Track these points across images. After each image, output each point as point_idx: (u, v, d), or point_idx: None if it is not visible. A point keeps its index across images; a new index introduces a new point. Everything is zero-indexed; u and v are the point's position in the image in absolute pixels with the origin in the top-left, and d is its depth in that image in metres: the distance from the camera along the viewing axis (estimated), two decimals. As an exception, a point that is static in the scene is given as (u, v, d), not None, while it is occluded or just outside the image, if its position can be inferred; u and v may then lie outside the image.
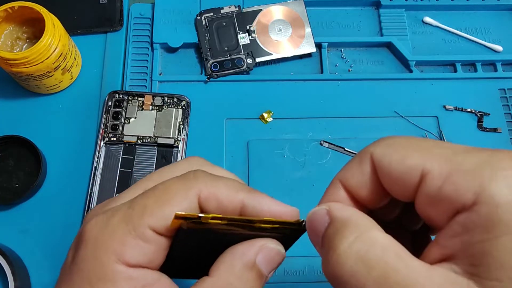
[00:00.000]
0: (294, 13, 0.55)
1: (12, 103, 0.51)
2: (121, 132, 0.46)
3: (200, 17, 0.54)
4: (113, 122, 0.46)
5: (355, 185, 0.23)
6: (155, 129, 0.47)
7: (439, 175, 0.19)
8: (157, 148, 0.47)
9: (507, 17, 0.58)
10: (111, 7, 0.55)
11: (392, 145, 0.21)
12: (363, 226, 0.20)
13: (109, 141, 0.45)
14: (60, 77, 0.49)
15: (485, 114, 0.52)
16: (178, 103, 0.47)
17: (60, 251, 0.45)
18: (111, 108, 0.46)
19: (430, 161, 0.19)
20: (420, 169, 0.20)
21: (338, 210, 0.21)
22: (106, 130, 0.46)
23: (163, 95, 0.47)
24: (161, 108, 0.47)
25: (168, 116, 0.47)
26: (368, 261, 0.18)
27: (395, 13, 0.57)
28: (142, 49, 0.54)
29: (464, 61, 0.55)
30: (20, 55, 0.44)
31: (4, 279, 0.41)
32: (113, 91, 0.47)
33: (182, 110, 0.47)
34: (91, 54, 0.53)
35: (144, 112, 0.47)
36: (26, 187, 0.46)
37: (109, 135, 0.45)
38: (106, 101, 0.47)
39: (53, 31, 0.45)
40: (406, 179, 0.20)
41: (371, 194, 0.22)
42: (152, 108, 0.47)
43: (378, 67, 0.55)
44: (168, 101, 0.47)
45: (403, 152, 0.21)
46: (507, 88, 0.54)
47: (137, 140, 0.46)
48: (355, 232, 0.19)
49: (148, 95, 0.47)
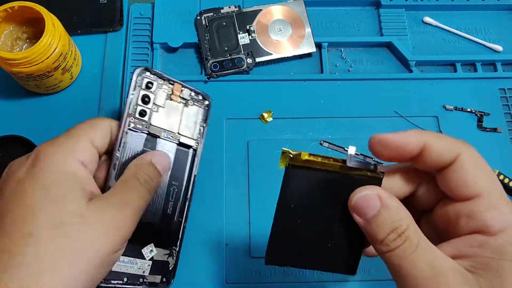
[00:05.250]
0: (294, 13, 0.55)
1: (12, 103, 0.51)
2: (149, 120, 0.39)
3: (200, 17, 0.54)
4: (142, 107, 0.38)
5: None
6: (180, 125, 0.41)
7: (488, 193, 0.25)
8: (177, 147, 0.42)
9: (507, 17, 0.58)
10: (111, 7, 0.55)
11: None
12: (409, 217, 0.25)
13: (134, 127, 0.38)
14: (60, 77, 0.49)
15: (485, 114, 0.52)
16: (202, 102, 0.42)
17: (60, 251, 0.45)
18: (141, 87, 0.38)
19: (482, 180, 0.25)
20: None
21: (389, 199, 0.25)
22: (134, 113, 0.38)
23: (191, 88, 0.41)
24: (187, 103, 0.41)
25: (192, 114, 0.42)
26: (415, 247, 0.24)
27: (395, 13, 0.57)
28: (142, 49, 0.54)
29: (464, 61, 0.55)
30: (20, 55, 0.44)
31: (4, 279, 0.41)
32: (145, 68, 0.38)
33: (204, 111, 0.43)
34: (91, 54, 0.53)
35: (172, 103, 0.40)
36: (26, 187, 0.46)
37: (135, 121, 0.38)
38: (135, 77, 0.38)
39: (53, 31, 0.45)
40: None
41: None
42: (180, 101, 0.41)
43: (378, 67, 0.55)
44: (194, 97, 0.42)
45: None
46: (507, 88, 0.54)
47: (161, 134, 0.40)
48: (405, 223, 0.25)
49: (178, 84, 0.40)
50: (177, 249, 0.41)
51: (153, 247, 0.39)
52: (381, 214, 0.25)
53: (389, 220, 0.25)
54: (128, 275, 0.37)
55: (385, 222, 0.25)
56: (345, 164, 0.27)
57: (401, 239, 0.24)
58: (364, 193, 0.26)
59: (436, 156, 0.25)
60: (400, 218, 0.25)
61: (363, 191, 0.26)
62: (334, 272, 0.29)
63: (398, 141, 0.26)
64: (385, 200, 0.25)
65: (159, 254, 0.40)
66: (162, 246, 0.40)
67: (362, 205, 0.26)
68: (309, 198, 0.27)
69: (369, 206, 0.26)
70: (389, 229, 0.25)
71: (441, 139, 0.26)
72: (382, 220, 0.25)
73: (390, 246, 0.25)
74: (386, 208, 0.25)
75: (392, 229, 0.25)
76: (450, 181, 0.26)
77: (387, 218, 0.25)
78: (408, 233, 0.24)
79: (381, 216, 0.25)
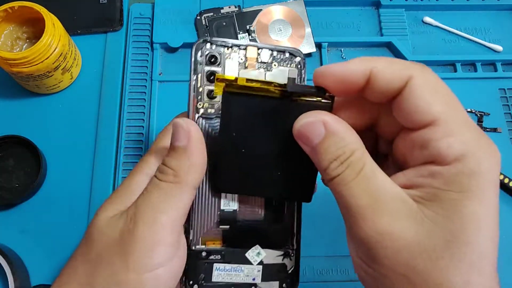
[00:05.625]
0: (294, 13, 0.55)
1: (12, 103, 0.51)
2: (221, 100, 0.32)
3: (200, 17, 0.54)
4: (210, 87, 0.31)
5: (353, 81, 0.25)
6: None
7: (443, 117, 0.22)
8: None
9: (507, 17, 0.58)
10: (111, 7, 0.55)
11: None
12: (355, 143, 0.24)
13: (205, 113, 0.31)
14: (60, 77, 0.49)
15: (485, 114, 0.52)
16: (290, 60, 0.33)
17: (60, 251, 0.45)
18: (203, 65, 0.31)
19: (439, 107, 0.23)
20: None
21: (334, 125, 0.24)
22: (200, 98, 0.31)
23: (272, 47, 0.33)
24: (269, 66, 0.32)
25: (280, 78, 0.32)
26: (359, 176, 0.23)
27: (395, 13, 0.57)
28: (142, 49, 0.54)
29: (464, 61, 0.55)
30: (20, 55, 0.44)
31: (4, 279, 0.41)
32: (203, 40, 0.31)
33: (297, 69, 0.33)
34: (91, 54, 0.53)
35: (248, 72, 0.32)
36: (26, 187, 0.46)
37: (204, 105, 0.31)
38: (194, 55, 0.31)
39: (53, 31, 0.45)
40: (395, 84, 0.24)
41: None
42: (259, 66, 0.32)
43: (378, 67, 0.55)
44: (278, 57, 0.32)
45: None
46: (507, 88, 0.54)
47: None
48: (350, 150, 0.23)
49: (252, 47, 0.32)
50: (294, 248, 0.32)
51: (260, 249, 0.32)
52: (326, 141, 0.24)
53: (334, 147, 0.23)
54: (235, 285, 0.31)
55: (329, 149, 0.23)
56: (286, 89, 0.25)
57: (343, 167, 0.23)
58: (306, 120, 0.24)
59: (385, 83, 0.23)
60: (345, 145, 0.23)
61: (306, 117, 0.24)
62: (289, 200, 0.28)
63: (340, 71, 0.24)
64: (330, 127, 0.24)
65: (270, 257, 0.32)
66: (273, 247, 0.32)
67: (305, 132, 0.24)
68: (252, 126, 0.26)
69: (313, 133, 0.24)
70: (333, 156, 0.23)
71: (390, 64, 0.24)
72: (326, 148, 0.23)
73: (331, 174, 0.23)
74: (331, 135, 0.23)
75: (336, 157, 0.23)
76: (402, 109, 0.23)
77: (332, 145, 0.23)
78: (351, 159, 0.23)
79: (325, 143, 0.24)
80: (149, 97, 0.52)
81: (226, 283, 0.30)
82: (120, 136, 0.50)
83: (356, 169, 0.23)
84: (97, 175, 0.48)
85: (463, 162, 0.21)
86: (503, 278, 0.22)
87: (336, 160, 0.23)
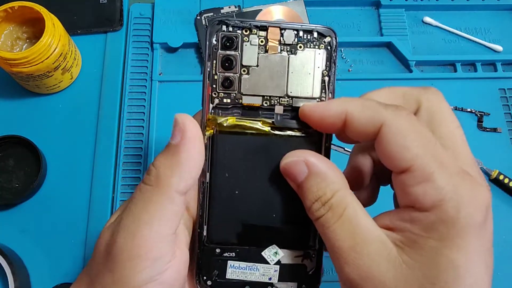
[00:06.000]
0: (294, 13, 0.55)
1: (12, 103, 0.51)
2: (238, 89, 0.28)
3: (200, 17, 0.54)
4: (225, 74, 0.28)
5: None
6: (289, 85, 0.28)
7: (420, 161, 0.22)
8: (292, 115, 0.29)
9: (507, 17, 0.58)
10: (111, 7, 0.55)
11: None
12: (337, 183, 0.24)
13: (220, 103, 0.28)
14: (60, 77, 0.49)
15: (485, 114, 0.52)
16: (318, 40, 0.28)
17: (60, 251, 0.45)
18: (218, 49, 0.28)
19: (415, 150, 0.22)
20: None
21: (316, 165, 0.24)
22: (215, 86, 0.28)
23: (297, 26, 0.28)
24: (294, 48, 0.28)
25: (307, 62, 0.28)
26: (340, 216, 0.23)
27: (395, 13, 0.57)
28: (142, 49, 0.54)
29: (464, 61, 0.55)
30: (20, 55, 0.44)
31: (4, 279, 0.41)
32: (219, 21, 0.28)
33: (327, 51, 0.28)
34: (91, 54, 0.53)
35: (269, 57, 0.28)
36: (26, 187, 0.46)
37: (219, 95, 0.28)
38: (208, 39, 0.28)
39: (53, 31, 0.45)
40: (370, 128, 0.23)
41: None
42: (281, 49, 0.28)
43: (378, 67, 0.55)
44: (304, 37, 0.28)
45: None
46: (507, 88, 0.54)
47: (262, 103, 0.28)
48: (331, 191, 0.23)
49: (274, 28, 0.28)
50: (315, 248, 0.30)
51: (277, 249, 0.30)
52: (308, 181, 0.24)
53: (315, 187, 0.23)
54: (250, 283, 0.30)
55: (310, 189, 0.24)
56: (274, 125, 0.26)
57: (324, 209, 0.23)
58: (290, 159, 0.25)
59: (359, 128, 0.23)
60: (326, 185, 0.23)
61: (290, 156, 0.25)
62: (287, 248, 0.28)
63: (320, 112, 0.25)
64: (312, 166, 0.24)
65: (289, 257, 0.30)
66: (291, 247, 0.30)
67: (290, 171, 0.25)
68: (245, 165, 0.26)
69: (296, 172, 0.24)
70: (314, 197, 0.23)
71: (364, 108, 0.23)
72: (308, 187, 0.24)
73: (314, 215, 0.24)
74: (313, 175, 0.24)
75: (318, 197, 0.23)
76: (379, 153, 0.23)
77: (313, 185, 0.24)
78: (332, 201, 0.23)
79: (308, 182, 0.24)
80: (149, 97, 0.52)
81: (241, 280, 0.29)
82: (120, 136, 0.50)
83: (338, 211, 0.23)
84: (97, 175, 0.48)
85: (441, 209, 0.21)
86: (505, 279, 0.22)
87: (318, 201, 0.23)
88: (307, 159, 0.24)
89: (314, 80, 0.29)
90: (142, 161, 0.49)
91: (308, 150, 0.25)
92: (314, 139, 0.26)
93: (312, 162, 0.24)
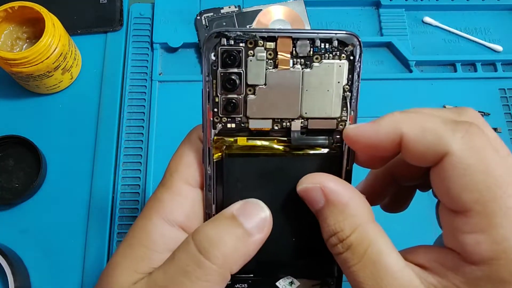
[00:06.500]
0: (294, 13, 0.55)
1: (12, 103, 0.51)
2: (244, 112, 0.24)
3: (200, 17, 0.54)
4: (227, 96, 0.24)
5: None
6: (304, 104, 0.24)
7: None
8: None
9: (507, 17, 0.58)
10: (111, 7, 0.55)
11: None
12: (358, 217, 0.20)
13: (224, 128, 0.24)
14: (60, 77, 0.49)
15: (485, 114, 0.52)
16: (339, 49, 0.24)
17: (60, 251, 0.45)
18: (217, 67, 0.23)
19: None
20: None
21: (334, 192, 0.21)
22: (216, 110, 0.24)
23: (313, 35, 0.23)
24: (309, 61, 0.23)
25: (325, 77, 0.24)
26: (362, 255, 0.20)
27: (395, 13, 0.57)
28: (142, 49, 0.54)
29: (464, 61, 0.55)
30: (20, 55, 0.44)
31: (4, 279, 0.41)
32: (217, 33, 0.23)
33: (349, 62, 0.24)
34: (91, 54, 0.53)
35: (279, 74, 0.23)
36: (26, 187, 0.46)
37: (222, 119, 0.24)
38: (206, 54, 0.23)
39: (53, 31, 0.45)
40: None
41: None
42: (294, 63, 0.23)
43: (378, 67, 0.55)
44: (321, 47, 0.23)
45: None
46: (507, 88, 0.54)
47: (272, 126, 0.24)
48: (350, 227, 0.20)
49: (285, 38, 0.23)
50: (335, 276, 0.27)
51: (293, 279, 0.27)
52: (324, 211, 0.21)
53: (332, 221, 0.20)
54: None
55: (327, 222, 0.21)
56: (291, 143, 0.23)
57: (343, 247, 0.20)
58: (306, 185, 0.21)
59: (416, 156, 0.20)
60: (343, 219, 0.20)
61: (305, 182, 0.22)
62: (304, 277, 0.25)
63: (366, 137, 0.21)
64: (329, 195, 0.21)
65: (306, 287, 0.27)
66: (308, 276, 0.27)
67: (306, 198, 0.22)
68: (257, 190, 0.23)
69: (313, 200, 0.21)
70: (331, 231, 0.20)
71: (424, 131, 0.19)
72: (324, 218, 0.21)
73: (332, 250, 0.21)
74: (330, 206, 0.21)
75: (334, 232, 0.20)
76: (434, 186, 0.20)
77: (330, 217, 0.20)
78: (352, 240, 0.20)
79: (324, 213, 0.21)
80: (149, 97, 0.52)
81: None
82: (120, 136, 0.50)
83: (359, 251, 0.20)
84: (97, 175, 0.48)
85: (492, 267, 0.18)
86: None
87: (335, 236, 0.20)
88: (324, 185, 0.21)
89: (334, 97, 0.24)
90: (142, 161, 0.49)
91: (325, 175, 0.22)
92: (335, 159, 0.23)
93: (330, 190, 0.21)
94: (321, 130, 0.23)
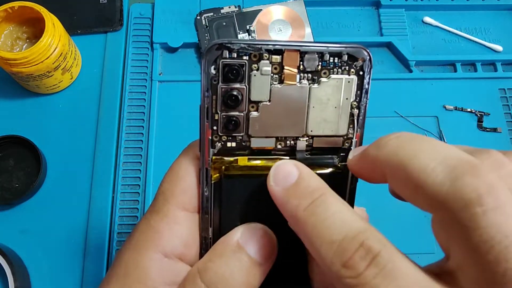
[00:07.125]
0: (294, 13, 0.55)
1: (12, 103, 0.51)
2: (245, 130, 0.23)
3: (200, 17, 0.54)
4: (228, 113, 0.22)
5: None
6: (310, 122, 0.23)
7: None
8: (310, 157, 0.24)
9: (507, 17, 0.58)
10: (111, 7, 0.55)
11: None
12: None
13: (224, 147, 0.23)
14: (60, 77, 0.49)
15: (485, 114, 0.52)
16: (348, 64, 0.22)
17: (60, 251, 0.45)
18: (218, 82, 0.21)
19: None
20: None
21: (335, 214, 0.18)
22: (216, 129, 0.22)
23: (320, 48, 0.21)
24: (317, 76, 0.22)
25: (333, 93, 0.22)
26: None
27: (395, 13, 0.57)
28: (142, 49, 0.54)
29: (464, 61, 0.55)
30: (20, 55, 0.44)
31: (4, 279, 0.41)
32: (219, 44, 0.21)
33: (358, 77, 0.23)
34: (91, 54, 0.53)
35: (285, 90, 0.22)
36: (26, 187, 0.46)
37: (221, 138, 0.22)
38: (205, 67, 0.21)
39: (53, 31, 0.45)
40: None
41: None
42: (301, 78, 0.22)
43: (378, 67, 0.55)
44: (329, 61, 0.22)
45: None
46: (507, 88, 0.54)
47: (275, 145, 0.23)
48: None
49: (292, 52, 0.21)
50: None
51: None
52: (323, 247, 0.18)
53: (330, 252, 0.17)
54: None
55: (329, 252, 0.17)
56: None
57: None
58: None
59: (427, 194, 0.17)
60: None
61: None
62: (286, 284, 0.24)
63: (366, 169, 0.20)
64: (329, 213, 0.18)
65: None
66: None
67: None
68: (257, 213, 0.22)
69: None
70: (338, 259, 0.17)
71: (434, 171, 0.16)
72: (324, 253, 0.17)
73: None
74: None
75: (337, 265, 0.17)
76: (436, 234, 0.17)
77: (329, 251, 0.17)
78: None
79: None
80: (149, 97, 0.52)
81: None
82: (120, 136, 0.50)
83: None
84: (97, 175, 0.48)
85: None
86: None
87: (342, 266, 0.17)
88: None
89: (341, 114, 0.23)
90: (142, 161, 0.49)
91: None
92: (339, 177, 0.22)
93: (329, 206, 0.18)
94: (326, 148, 0.22)
